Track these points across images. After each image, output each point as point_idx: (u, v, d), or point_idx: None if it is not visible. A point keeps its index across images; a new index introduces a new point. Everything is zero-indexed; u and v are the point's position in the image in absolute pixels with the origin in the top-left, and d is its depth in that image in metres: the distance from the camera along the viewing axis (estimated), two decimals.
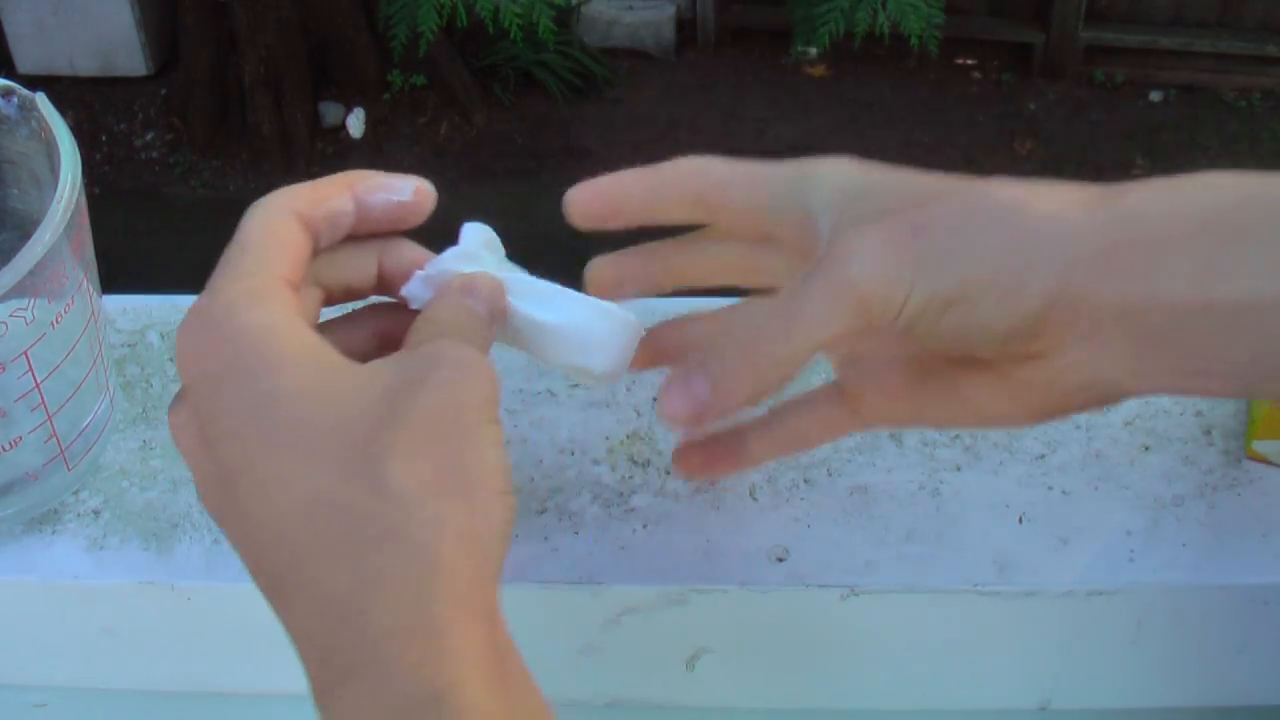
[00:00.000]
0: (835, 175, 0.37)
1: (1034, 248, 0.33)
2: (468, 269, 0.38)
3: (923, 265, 0.34)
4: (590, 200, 0.39)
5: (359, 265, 0.38)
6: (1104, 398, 0.35)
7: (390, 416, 0.32)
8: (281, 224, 0.36)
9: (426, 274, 0.39)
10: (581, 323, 0.39)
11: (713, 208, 0.39)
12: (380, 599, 0.30)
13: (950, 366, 0.37)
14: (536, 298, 0.39)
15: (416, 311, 0.37)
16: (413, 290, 0.38)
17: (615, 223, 0.39)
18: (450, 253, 0.39)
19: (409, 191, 0.38)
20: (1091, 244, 0.33)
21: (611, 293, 0.41)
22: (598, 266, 0.41)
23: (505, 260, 0.40)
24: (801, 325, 0.34)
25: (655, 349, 0.42)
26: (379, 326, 0.39)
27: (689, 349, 0.42)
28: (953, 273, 0.33)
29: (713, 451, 0.42)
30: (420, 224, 0.39)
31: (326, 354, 0.34)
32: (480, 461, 0.32)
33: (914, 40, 3.22)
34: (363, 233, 0.38)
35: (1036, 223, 0.33)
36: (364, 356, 0.35)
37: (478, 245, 0.39)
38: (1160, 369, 0.33)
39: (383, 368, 0.34)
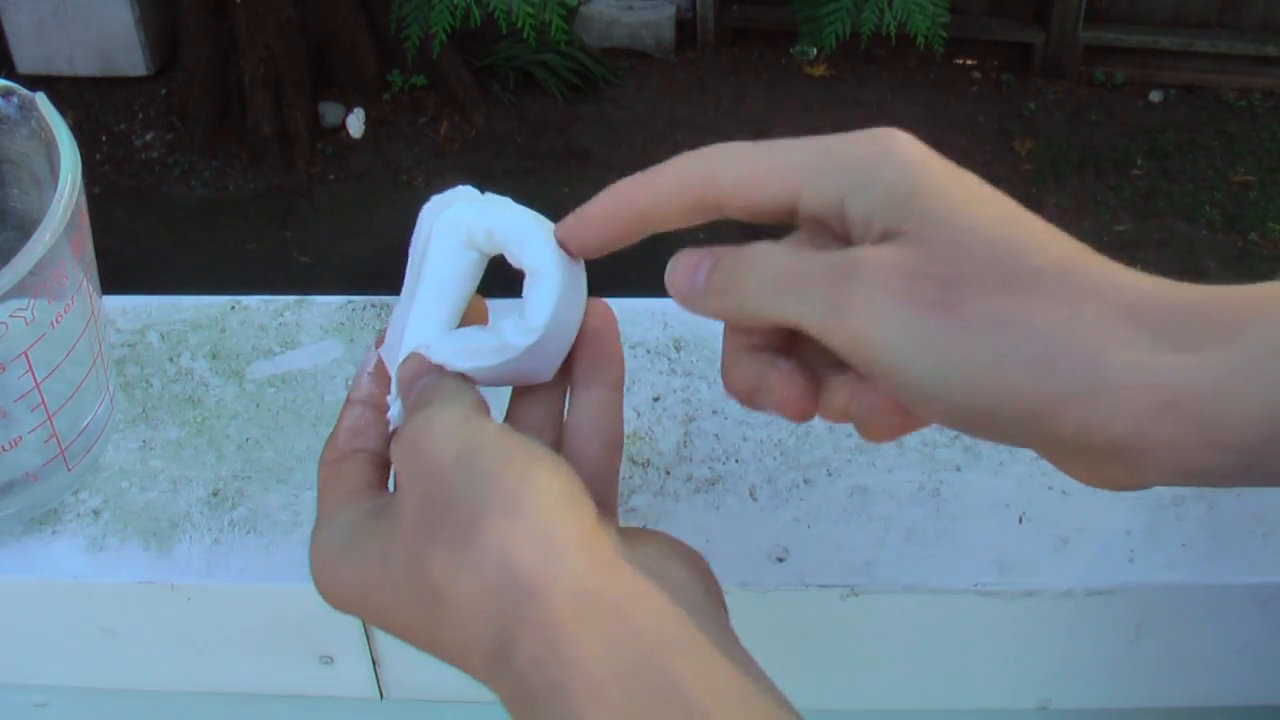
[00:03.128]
0: (881, 173, 0.32)
1: (1096, 400, 0.30)
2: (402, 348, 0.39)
3: (940, 368, 0.31)
4: (581, 233, 0.37)
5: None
6: (1137, 489, 0.34)
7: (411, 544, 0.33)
8: (323, 474, 0.39)
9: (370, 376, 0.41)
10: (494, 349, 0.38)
11: (728, 211, 0.35)
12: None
13: None
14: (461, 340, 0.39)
15: None
16: (392, 414, 0.40)
17: (615, 247, 0.37)
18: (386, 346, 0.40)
19: (372, 351, 0.41)
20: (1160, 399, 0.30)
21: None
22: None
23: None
24: (788, 310, 0.33)
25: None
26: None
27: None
28: (977, 396, 0.30)
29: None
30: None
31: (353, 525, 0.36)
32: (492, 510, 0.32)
33: (920, 40, 3.22)
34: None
35: (1106, 371, 0.30)
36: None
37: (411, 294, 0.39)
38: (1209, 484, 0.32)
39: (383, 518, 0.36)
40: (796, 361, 0.36)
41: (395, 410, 0.39)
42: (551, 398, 0.39)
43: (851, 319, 0.31)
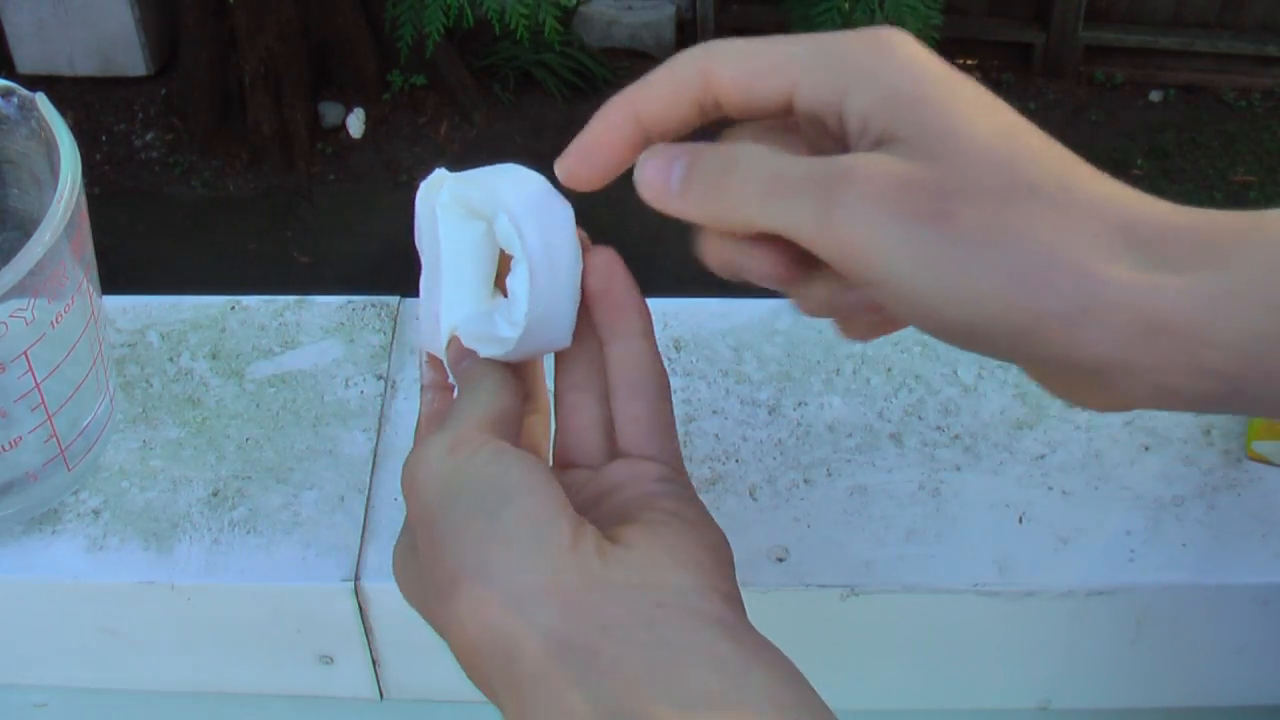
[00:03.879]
0: (880, 74, 0.31)
1: (1086, 319, 0.29)
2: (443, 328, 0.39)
3: (931, 280, 0.30)
4: (583, 167, 0.35)
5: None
6: (1113, 411, 0.35)
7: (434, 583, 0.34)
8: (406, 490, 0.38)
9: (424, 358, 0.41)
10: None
11: (726, 109, 0.34)
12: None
13: None
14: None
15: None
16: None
17: (621, 169, 0.35)
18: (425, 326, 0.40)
19: (423, 357, 0.41)
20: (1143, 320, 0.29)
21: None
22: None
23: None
24: (775, 218, 0.32)
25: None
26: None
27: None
28: (966, 308, 0.30)
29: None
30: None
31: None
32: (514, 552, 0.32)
33: None
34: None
35: (1097, 286, 0.29)
36: None
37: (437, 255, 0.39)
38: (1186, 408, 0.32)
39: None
40: (779, 244, 0.34)
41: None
42: (586, 353, 0.39)
43: (843, 229, 0.30)
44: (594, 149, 0.35)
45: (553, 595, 0.31)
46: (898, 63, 0.31)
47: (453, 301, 0.39)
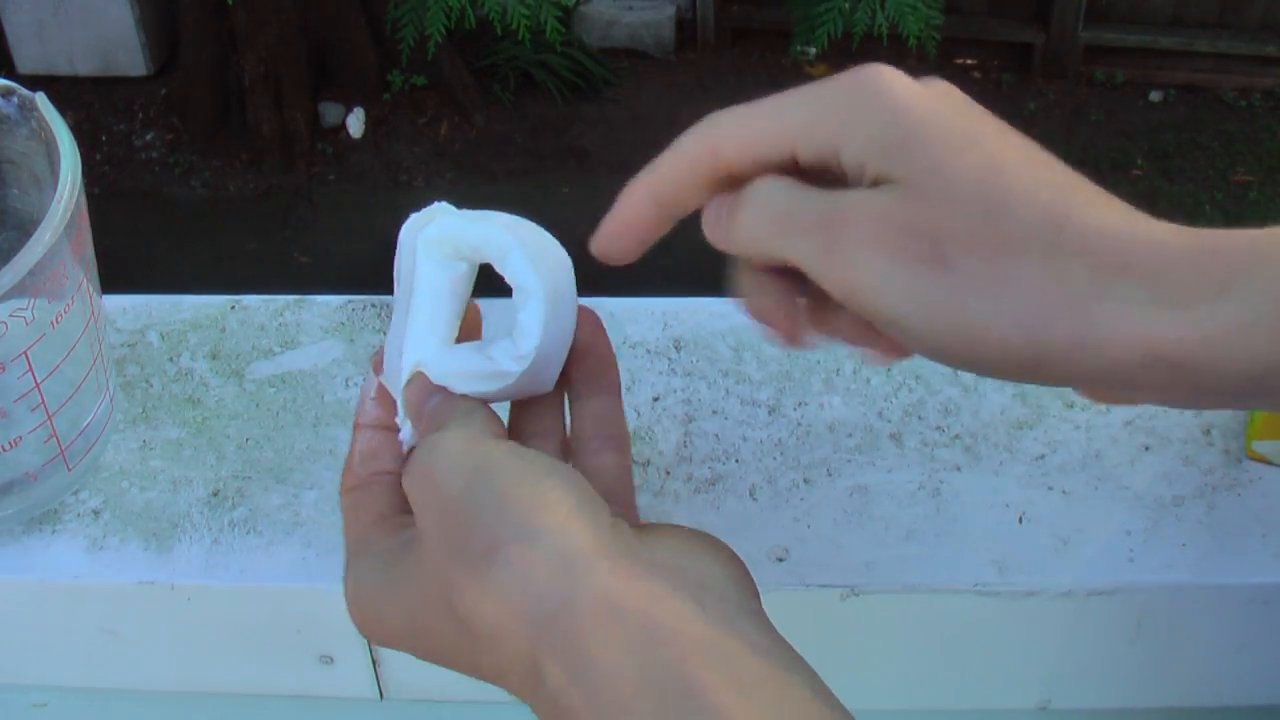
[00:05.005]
0: (868, 120, 0.32)
1: (1084, 353, 0.30)
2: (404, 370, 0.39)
3: (932, 319, 0.31)
4: (615, 244, 0.37)
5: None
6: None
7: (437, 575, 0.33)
8: (347, 502, 0.39)
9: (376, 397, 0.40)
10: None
11: (742, 176, 0.35)
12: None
13: None
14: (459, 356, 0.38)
15: None
16: (403, 435, 0.39)
17: (653, 242, 0.37)
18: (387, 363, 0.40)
19: (372, 377, 0.40)
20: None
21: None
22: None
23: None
24: (786, 250, 0.33)
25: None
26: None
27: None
28: (968, 345, 0.31)
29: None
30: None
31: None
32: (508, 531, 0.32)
33: (912, 41, 3.22)
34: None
35: (1084, 328, 0.30)
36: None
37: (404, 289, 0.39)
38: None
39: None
40: (798, 284, 0.36)
41: (406, 432, 0.39)
42: (553, 404, 0.39)
43: (843, 268, 0.32)
44: (621, 233, 0.37)
45: (602, 559, 0.31)
46: (881, 105, 0.32)
47: (418, 339, 0.38)
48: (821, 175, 0.34)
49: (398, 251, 0.40)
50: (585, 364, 0.39)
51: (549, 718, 0.31)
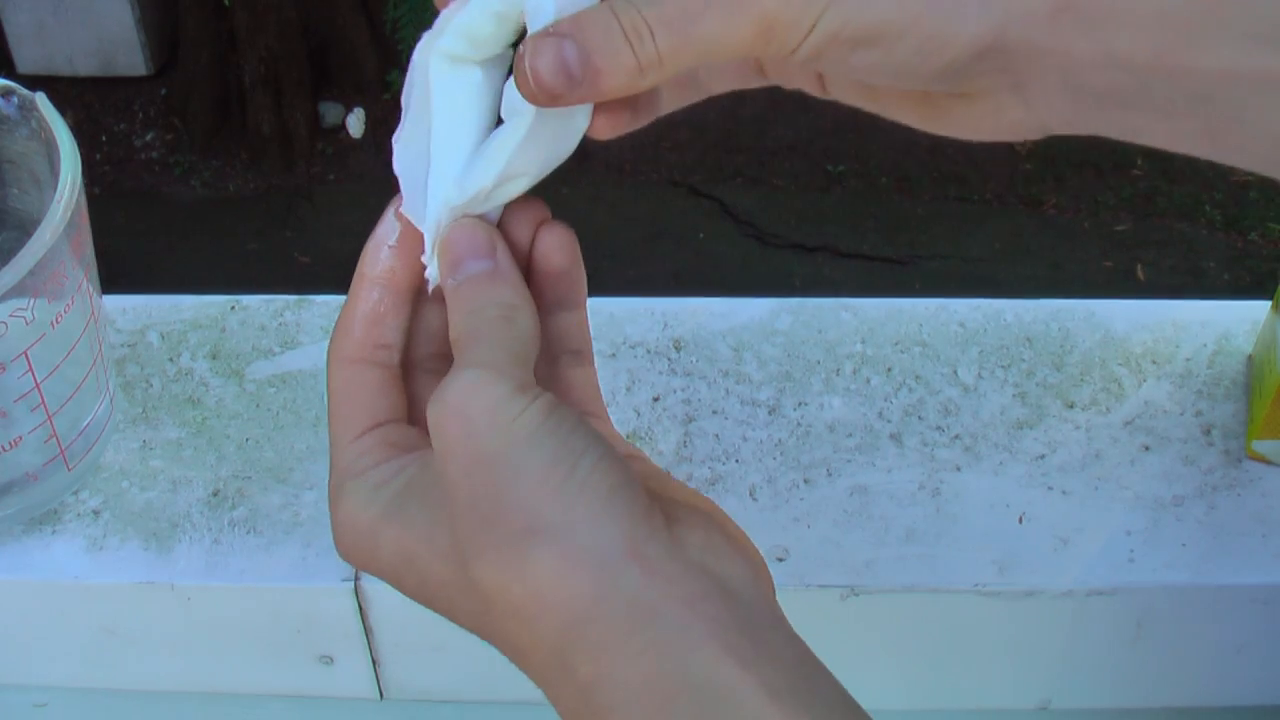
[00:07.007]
0: None
1: (992, 3, 0.30)
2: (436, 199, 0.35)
3: (837, 17, 0.31)
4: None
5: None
6: (1031, 133, 0.34)
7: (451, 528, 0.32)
8: (341, 377, 0.36)
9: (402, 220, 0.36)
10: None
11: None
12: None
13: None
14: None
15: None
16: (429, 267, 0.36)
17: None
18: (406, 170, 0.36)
19: (390, 219, 0.36)
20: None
21: None
22: None
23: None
24: (696, 32, 0.32)
25: None
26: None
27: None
28: (871, 10, 0.31)
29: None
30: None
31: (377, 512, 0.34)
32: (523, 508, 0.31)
33: None
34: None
35: None
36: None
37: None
38: (1098, 121, 0.32)
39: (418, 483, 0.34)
40: None
41: (432, 270, 0.35)
42: (579, 320, 0.39)
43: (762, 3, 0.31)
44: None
45: (634, 559, 0.31)
46: None
47: (444, 164, 0.35)
48: None
49: (409, 75, 0.36)
50: (564, 282, 0.37)
51: (575, 706, 0.31)
